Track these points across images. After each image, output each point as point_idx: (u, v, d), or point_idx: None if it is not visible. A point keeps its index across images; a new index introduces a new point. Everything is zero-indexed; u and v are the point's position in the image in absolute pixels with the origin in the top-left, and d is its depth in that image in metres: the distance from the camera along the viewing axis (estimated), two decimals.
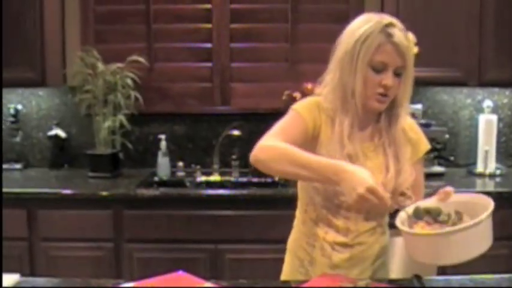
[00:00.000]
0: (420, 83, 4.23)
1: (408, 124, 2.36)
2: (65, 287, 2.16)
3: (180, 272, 2.12)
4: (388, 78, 2.15)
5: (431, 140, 4.21)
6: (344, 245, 2.32)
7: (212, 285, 1.95)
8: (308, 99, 2.34)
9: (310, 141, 2.24)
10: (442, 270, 3.80)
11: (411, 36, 2.26)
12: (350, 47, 2.19)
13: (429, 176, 4.17)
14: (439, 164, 4.37)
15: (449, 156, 4.47)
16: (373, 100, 2.20)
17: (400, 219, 1.99)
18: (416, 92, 4.42)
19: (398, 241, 3.74)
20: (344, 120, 2.24)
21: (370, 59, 2.16)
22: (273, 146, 2.12)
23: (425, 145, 2.39)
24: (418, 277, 1.95)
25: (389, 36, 2.14)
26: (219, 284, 2.00)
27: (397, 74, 2.17)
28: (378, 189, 1.90)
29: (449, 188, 2.08)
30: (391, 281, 2.20)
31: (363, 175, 1.94)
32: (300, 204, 2.44)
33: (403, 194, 2.22)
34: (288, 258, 2.51)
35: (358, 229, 2.32)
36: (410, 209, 2.03)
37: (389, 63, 2.15)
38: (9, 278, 2.11)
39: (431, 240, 1.84)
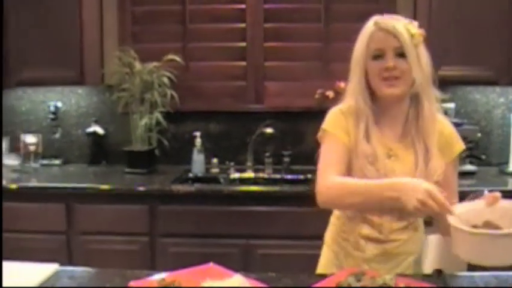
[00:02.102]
0: (452, 82, 4.32)
1: (443, 124, 2.38)
2: (100, 276, 2.26)
3: (211, 264, 2.21)
4: (388, 61, 2.22)
5: (463, 138, 4.21)
6: (377, 241, 2.37)
7: (241, 277, 2.02)
8: (331, 114, 2.39)
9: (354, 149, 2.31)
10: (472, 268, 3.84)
11: (411, 22, 2.29)
12: (354, 49, 2.32)
13: (461, 175, 4.13)
14: (471, 163, 4.36)
15: (481, 155, 4.45)
16: (384, 87, 2.25)
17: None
18: (449, 91, 4.48)
19: (433, 239, 3.80)
20: (360, 122, 2.30)
21: (368, 51, 2.26)
22: (333, 185, 2.19)
23: (459, 145, 2.40)
24: (439, 272, 1.99)
25: (377, 24, 2.25)
26: (248, 276, 2.07)
27: (400, 55, 2.22)
28: (436, 193, 1.93)
29: (497, 193, 2.05)
30: (414, 276, 2.24)
31: (419, 182, 1.98)
32: None
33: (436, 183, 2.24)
34: (324, 251, 2.56)
35: (391, 226, 2.37)
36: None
37: (384, 48, 2.23)
38: (48, 267, 2.22)
39: (482, 240, 1.83)
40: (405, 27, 2.23)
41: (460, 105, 4.61)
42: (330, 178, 2.21)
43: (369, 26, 2.28)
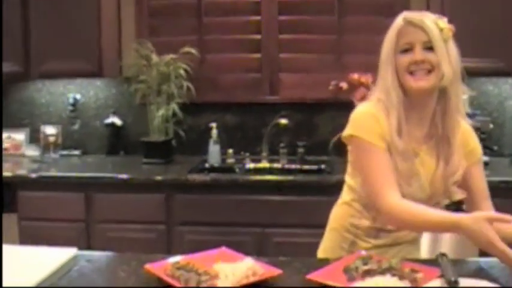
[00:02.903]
0: (466, 74, 4.33)
1: (465, 128, 2.38)
2: (117, 260, 2.34)
3: (223, 248, 2.28)
4: (416, 54, 2.21)
5: (476, 129, 4.27)
6: (389, 231, 2.39)
7: (251, 260, 2.09)
8: (362, 118, 2.32)
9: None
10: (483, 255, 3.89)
11: (440, 17, 2.29)
12: (383, 44, 2.32)
13: None
14: (484, 154, 4.36)
15: (493, 146, 4.47)
16: (412, 81, 2.23)
17: None
18: (463, 82, 4.49)
19: None
20: (392, 117, 2.26)
21: (397, 47, 2.25)
22: (402, 213, 2.17)
23: (479, 149, 2.43)
24: (443, 255, 2.04)
25: (405, 19, 2.25)
26: (259, 260, 2.13)
27: (429, 48, 2.21)
28: (496, 244, 1.90)
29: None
30: (419, 260, 2.29)
31: (479, 232, 1.94)
32: (348, 189, 2.48)
33: (455, 183, 2.31)
34: (330, 235, 2.58)
35: None
36: None
37: (413, 41, 2.22)
38: (67, 251, 2.29)
39: None
40: (434, 22, 2.23)
41: (472, 97, 4.60)
42: (396, 200, 2.18)
43: (398, 21, 2.29)
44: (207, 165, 4.61)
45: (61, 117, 5.05)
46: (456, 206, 2.18)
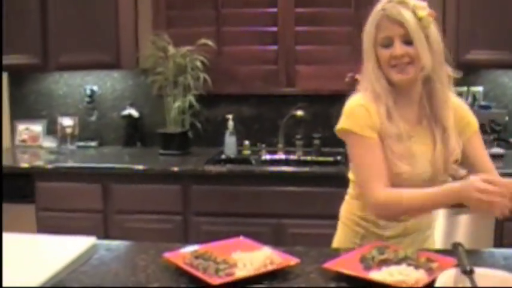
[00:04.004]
0: (480, 66, 4.34)
1: (456, 103, 2.39)
2: (135, 249, 2.37)
3: (241, 238, 2.31)
4: (395, 49, 2.21)
5: (491, 121, 4.29)
6: (399, 220, 2.39)
7: (269, 249, 2.11)
8: (352, 111, 2.34)
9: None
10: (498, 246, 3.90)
11: (419, 3, 2.26)
12: (364, 35, 2.33)
13: None
14: (499, 146, 4.37)
15: (509, 138, 4.45)
16: (393, 73, 2.25)
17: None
18: (478, 74, 4.52)
19: (461, 219, 3.86)
20: (380, 105, 2.28)
21: (376, 39, 2.26)
22: (388, 202, 2.22)
23: (475, 122, 2.41)
24: (458, 245, 2.04)
25: (385, 11, 2.23)
26: (276, 249, 2.15)
27: (408, 42, 2.21)
28: (486, 187, 1.98)
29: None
30: (435, 250, 2.30)
31: (469, 182, 2.04)
32: (352, 184, 2.52)
33: (456, 161, 2.32)
34: (341, 229, 2.59)
35: None
36: None
37: (392, 35, 2.22)
38: (86, 240, 2.32)
39: None
40: (412, 12, 2.21)
41: (488, 89, 4.62)
42: (381, 192, 2.22)
43: (377, 12, 2.27)
44: (223, 156, 4.64)
45: (78, 109, 5.08)
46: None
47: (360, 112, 2.31)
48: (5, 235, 2.38)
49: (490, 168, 2.38)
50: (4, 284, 1.86)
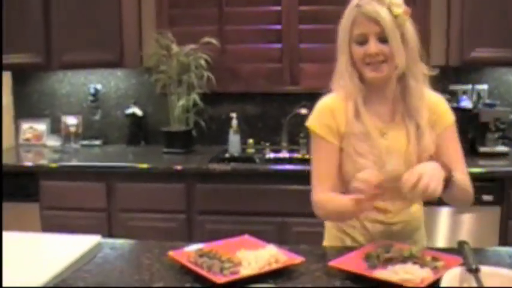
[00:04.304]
0: (485, 64, 4.34)
1: (432, 99, 2.36)
2: (140, 247, 2.37)
3: (246, 236, 2.30)
4: (370, 47, 2.19)
5: (496, 119, 4.29)
6: (384, 223, 2.38)
7: (274, 247, 2.10)
8: (318, 109, 2.39)
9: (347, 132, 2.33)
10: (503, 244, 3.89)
11: (395, 3, 2.22)
12: (339, 31, 2.32)
13: (493, 156, 4.23)
14: (503, 144, 4.36)
15: None
16: (367, 71, 2.24)
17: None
18: (482, 72, 4.51)
19: (466, 217, 3.85)
20: (349, 102, 2.30)
21: (351, 35, 2.24)
22: (324, 206, 2.34)
23: (451, 116, 2.37)
24: (463, 243, 2.04)
25: (360, 8, 2.20)
26: (280, 247, 2.15)
27: (383, 40, 2.19)
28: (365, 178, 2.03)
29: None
30: (440, 249, 2.30)
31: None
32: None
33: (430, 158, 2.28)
34: (328, 237, 2.58)
35: (396, 208, 2.38)
36: None
37: (367, 33, 2.20)
38: (91, 239, 2.32)
39: None
40: (388, 9, 2.18)
41: (493, 87, 4.62)
42: (319, 194, 2.34)
43: (352, 8, 2.25)
44: (227, 155, 4.65)
45: (82, 108, 5.08)
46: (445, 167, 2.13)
47: (325, 114, 2.35)
48: (9, 234, 2.39)
49: (456, 165, 2.28)
50: (10, 283, 1.86)
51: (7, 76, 5.04)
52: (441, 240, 3.97)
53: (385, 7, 2.18)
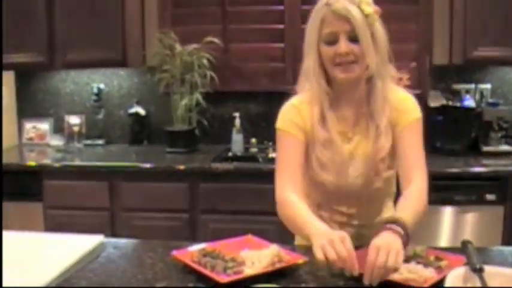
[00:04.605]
0: (488, 63, 4.33)
1: (393, 92, 2.29)
2: (143, 246, 2.37)
3: (249, 236, 2.30)
4: (340, 46, 2.12)
5: (499, 119, 4.29)
6: (351, 226, 2.36)
7: (277, 247, 2.10)
8: (282, 110, 2.34)
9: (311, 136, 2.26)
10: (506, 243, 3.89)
11: (365, 2, 2.15)
12: (307, 31, 2.24)
13: (496, 155, 4.23)
14: (507, 143, 4.37)
15: None
16: (338, 72, 2.17)
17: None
18: (485, 71, 4.50)
19: (469, 217, 3.84)
20: (314, 106, 2.24)
21: (320, 35, 2.16)
22: (284, 210, 2.21)
23: (415, 113, 2.28)
24: (467, 242, 2.03)
25: (330, 6, 2.13)
26: (284, 247, 2.15)
27: (354, 39, 2.13)
28: (338, 243, 1.82)
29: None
30: (443, 248, 2.29)
31: (334, 232, 1.92)
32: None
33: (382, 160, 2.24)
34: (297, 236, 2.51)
35: (361, 213, 2.37)
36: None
37: (337, 32, 2.12)
38: (94, 238, 2.32)
39: None
40: (359, 8, 2.11)
41: (496, 86, 4.61)
42: (283, 193, 2.22)
43: (321, 7, 2.18)
44: (230, 154, 4.65)
45: (85, 107, 5.09)
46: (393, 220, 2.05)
47: (289, 110, 2.31)
48: (13, 233, 2.39)
49: (411, 164, 2.21)
50: (13, 283, 1.86)
51: (10, 75, 5.04)
52: (444, 239, 3.97)
53: (355, 5, 2.12)
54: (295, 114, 2.27)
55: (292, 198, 2.19)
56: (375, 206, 2.41)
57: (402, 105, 2.27)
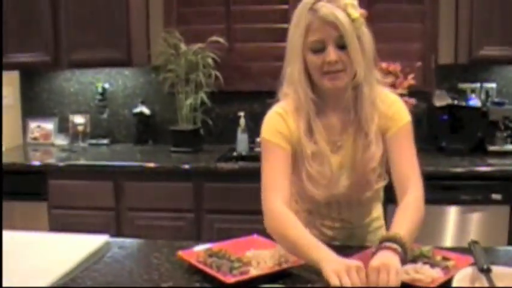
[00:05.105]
0: (494, 62, 4.32)
1: (381, 97, 2.19)
2: (149, 246, 2.36)
3: (255, 236, 2.30)
4: (329, 54, 2.03)
5: (505, 118, 4.28)
6: (342, 228, 2.35)
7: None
8: (267, 119, 2.25)
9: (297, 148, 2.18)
10: None
11: (350, 1, 2.05)
12: (290, 36, 2.15)
13: (502, 154, 4.22)
14: None
15: None
16: (325, 80, 2.08)
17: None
18: (491, 70, 4.49)
19: (474, 217, 3.83)
20: (300, 118, 2.16)
21: (306, 42, 2.06)
22: (274, 223, 2.09)
23: (405, 118, 2.20)
24: (474, 243, 2.03)
25: (315, 12, 2.03)
26: None
27: (342, 46, 2.03)
28: (354, 271, 1.75)
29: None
30: (449, 249, 2.29)
31: (343, 259, 1.83)
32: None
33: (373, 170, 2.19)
34: None
35: (352, 215, 2.34)
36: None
37: (325, 39, 2.03)
38: (99, 238, 2.32)
39: None
40: (345, 13, 2.01)
41: (501, 85, 4.60)
42: (276, 207, 2.11)
43: (305, 12, 2.07)
44: (235, 153, 4.65)
45: (90, 107, 5.09)
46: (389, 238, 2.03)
47: (275, 120, 2.21)
48: (18, 233, 2.39)
49: (405, 173, 2.14)
50: (18, 283, 1.86)
51: (15, 75, 5.04)
52: (449, 239, 3.96)
53: (341, 9, 2.02)
54: (281, 124, 2.18)
55: (283, 211, 2.09)
56: (365, 209, 2.38)
57: (391, 111, 2.19)
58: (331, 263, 1.79)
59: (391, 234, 1.92)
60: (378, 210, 2.45)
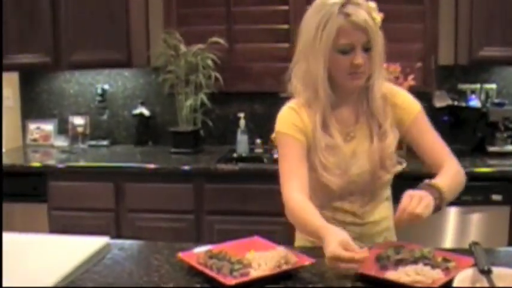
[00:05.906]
0: (494, 63, 4.32)
1: (389, 90, 2.32)
2: (149, 248, 2.36)
3: (256, 237, 2.29)
4: (358, 58, 2.14)
5: (505, 119, 4.27)
6: (354, 224, 2.36)
7: (284, 249, 2.09)
8: (282, 114, 2.34)
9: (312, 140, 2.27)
10: None
11: (372, 5, 2.16)
12: (311, 35, 2.18)
13: (502, 155, 4.21)
14: None
15: None
16: (349, 80, 2.20)
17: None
18: (491, 71, 4.49)
19: (474, 217, 3.83)
20: (316, 111, 2.24)
21: (335, 44, 2.13)
22: (293, 210, 2.19)
23: (416, 106, 2.34)
24: (475, 244, 2.03)
25: (348, 16, 2.11)
26: (290, 249, 2.14)
27: (366, 49, 2.14)
28: (340, 254, 1.83)
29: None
30: (450, 250, 2.28)
31: (339, 232, 1.94)
32: None
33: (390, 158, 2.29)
34: (298, 236, 2.58)
35: (365, 210, 2.37)
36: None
37: (354, 43, 2.13)
38: (99, 240, 2.31)
39: None
40: (371, 16, 2.12)
41: (501, 86, 4.59)
42: (293, 196, 2.19)
43: (335, 13, 2.13)
44: (235, 155, 4.65)
45: (89, 108, 5.08)
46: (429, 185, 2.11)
47: (289, 114, 2.31)
48: (17, 235, 2.38)
49: (440, 157, 2.33)
50: (19, 284, 1.85)
51: (14, 76, 5.04)
52: (450, 240, 3.96)
53: (365, 11, 2.12)
54: (295, 117, 2.28)
55: (300, 199, 2.18)
56: (375, 202, 2.40)
57: (400, 101, 2.33)
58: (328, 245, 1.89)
59: (430, 182, 2.12)
60: (387, 210, 2.47)
